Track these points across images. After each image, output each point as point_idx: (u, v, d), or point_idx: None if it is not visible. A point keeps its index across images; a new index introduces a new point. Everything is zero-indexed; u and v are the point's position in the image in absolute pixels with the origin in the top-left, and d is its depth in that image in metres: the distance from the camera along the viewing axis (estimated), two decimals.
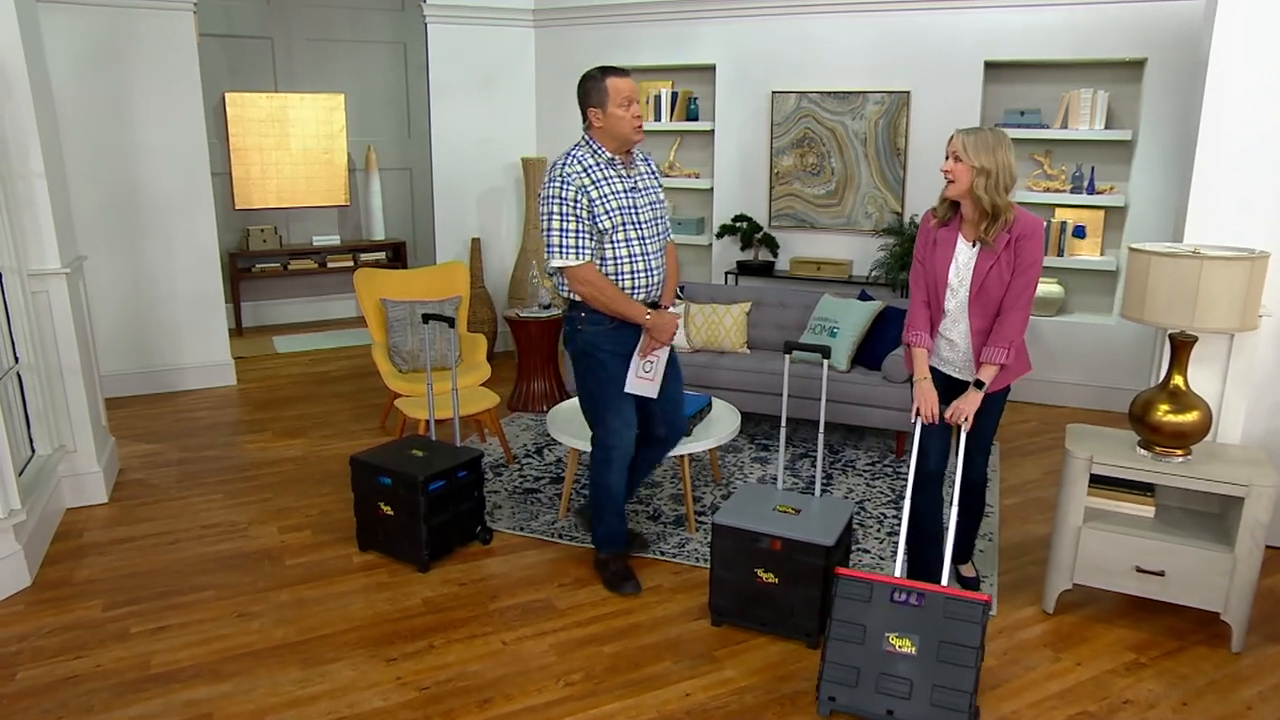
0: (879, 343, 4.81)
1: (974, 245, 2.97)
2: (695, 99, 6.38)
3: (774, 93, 5.97)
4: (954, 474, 3.08)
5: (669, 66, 6.33)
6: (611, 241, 3.19)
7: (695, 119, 6.37)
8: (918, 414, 3.05)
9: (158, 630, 3.14)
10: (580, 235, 3.15)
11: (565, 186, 3.12)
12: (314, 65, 7.74)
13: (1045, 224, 3.11)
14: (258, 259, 7.63)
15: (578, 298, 3.25)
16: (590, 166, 3.16)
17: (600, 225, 3.15)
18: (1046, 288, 5.56)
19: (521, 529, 3.91)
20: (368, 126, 7.99)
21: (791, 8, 5.84)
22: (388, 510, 3.58)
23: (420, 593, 3.40)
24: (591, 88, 3.13)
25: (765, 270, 6.06)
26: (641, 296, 3.28)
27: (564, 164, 3.15)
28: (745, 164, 6.17)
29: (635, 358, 3.30)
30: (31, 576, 3.46)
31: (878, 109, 5.74)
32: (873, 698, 2.58)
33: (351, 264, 7.81)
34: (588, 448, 3.84)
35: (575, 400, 4.42)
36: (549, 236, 3.17)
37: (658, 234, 3.30)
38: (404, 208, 8.36)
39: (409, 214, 8.38)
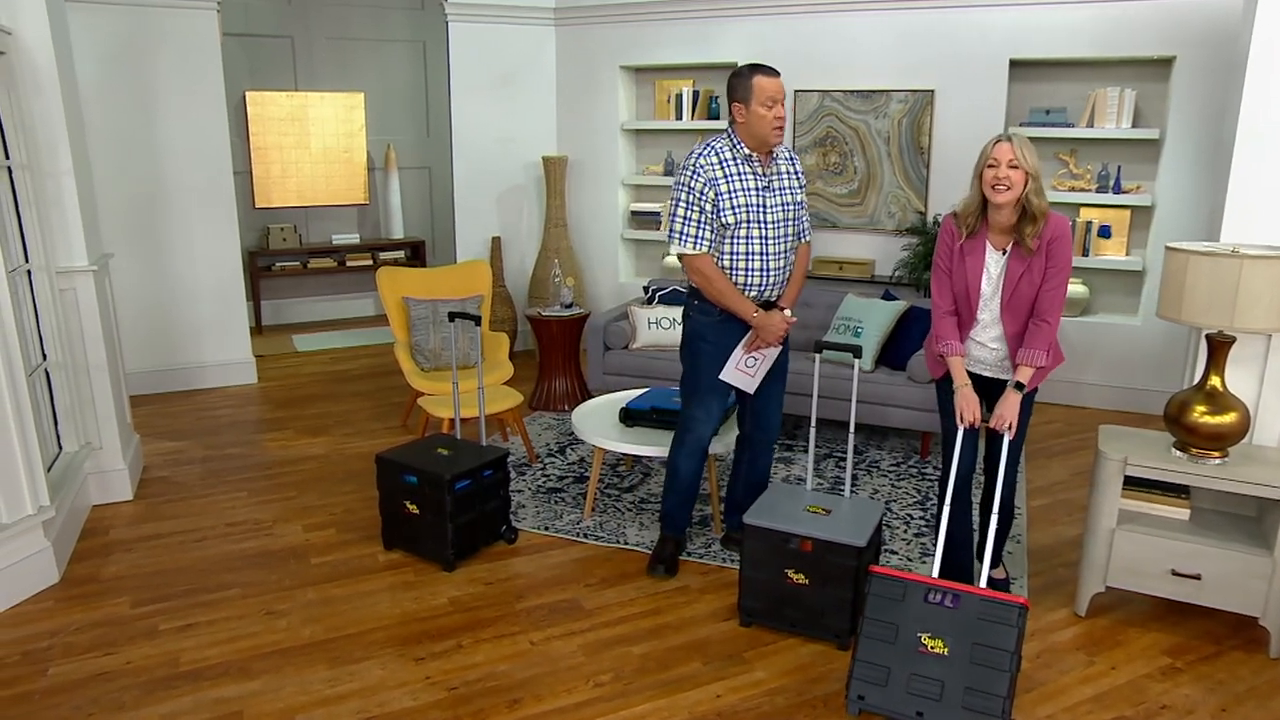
0: (904, 342, 4.78)
1: (1002, 253, 2.95)
2: (716, 98, 6.35)
3: (796, 91, 5.93)
4: (976, 475, 3.05)
5: (690, 65, 6.31)
6: (733, 237, 3.20)
7: (716, 118, 6.34)
8: (962, 420, 3.00)
9: (186, 628, 3.14)
10: (701, 226, 3.18)
11: (695, 177, 3.16)
12: (334, 64, 7.76)
13: (1071, 223, 3.12)
14: (277, 257, 7.65)
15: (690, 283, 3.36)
16: (725, 160, 3.18)
17: (724, 219, 3.18)
18: (1071, 288, 5.51)
19: (546, 528, 3.90)
20: (387, 125, 8.01)
21: (814, 6, 5.80)
22: (413, 509, 3.57)
23: (447, 592, 3.39)
24: (738, 84, 3.14)
25: None
26: (753, 294, 3.28)
27: (700, 154, 3.18)
28: None
29: (739, 349, 3.32)
30: (60, 573, 3.48)
31: (901, 108, 5.70)
32: (903, 698, 2.55)
33: (371, 263, 7.83)
34: (612, 446, 3.84)
35: (600, 400, 4.42)
36: (673, 222, 3.23)
37: (784, 235, 3.27)
38: (423, 206, 8.37)
39: (428, 213, 8.39)
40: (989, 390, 3.10)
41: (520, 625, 3.17)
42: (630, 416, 4.03)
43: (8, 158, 3.62)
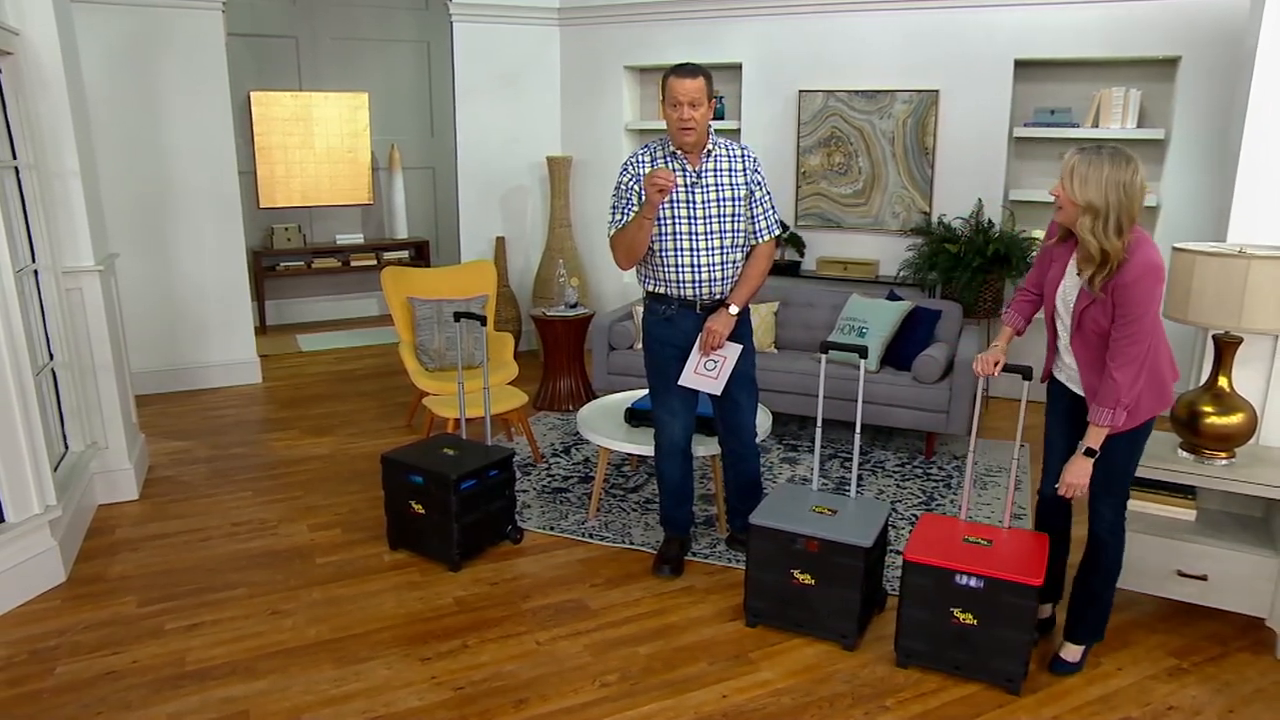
0: (908, 343, 4.78)
1: (1079, 275, 2.59)
2: (721, 98, 6.35)
3: (801, 91, 5.94)
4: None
5: None
6: (660, 234, 3.25)
7: (721, 118, 6.34)
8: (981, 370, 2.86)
9: (192, 627, 3.14)
10: (626, 213, 3.27)
11: (624, 172, 3.29)
12: (338, 64, 7.76)
13: (1164, 265, 2.49)
14: (282, 257, 7.66)
15: (644, 281, 3.40)
16: (656, 159, 3.26)
17: None
18: None
19: (551, 528, 3.90)
20: (391, 125, 8.01)
21: (819, 6, 5.80)
22: (419, 509, 3.57)
23: (452, 592, 3.39)
24: (662, 84, 3.18)
25: (791, 270, 6.02)
26: (689, 293, 3.30)
27: (635, 152, 3.30)
28: (771, 163, 6.12)
29: (695, 352, 3.32)
30: (66, 572, 3.48)
31: (906, 108, 5.69)
32: (942, 655, 2.87)
33: (375, 262, 7.83)
34: (617, 446, 3.84)
35: (605, 400, 4.42)
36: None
37: (721, 232, 3.26)
38: (427, 206, 8.37)
39: (432, 213, 8.40)
40: (1076, 407, 2.79)
41: (526, 625, 3.17)
42: (635, 417, 4.03)
43: (15, 158, 3.63)
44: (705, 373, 3.32)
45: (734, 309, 3.30)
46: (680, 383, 3.35)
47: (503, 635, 3.10)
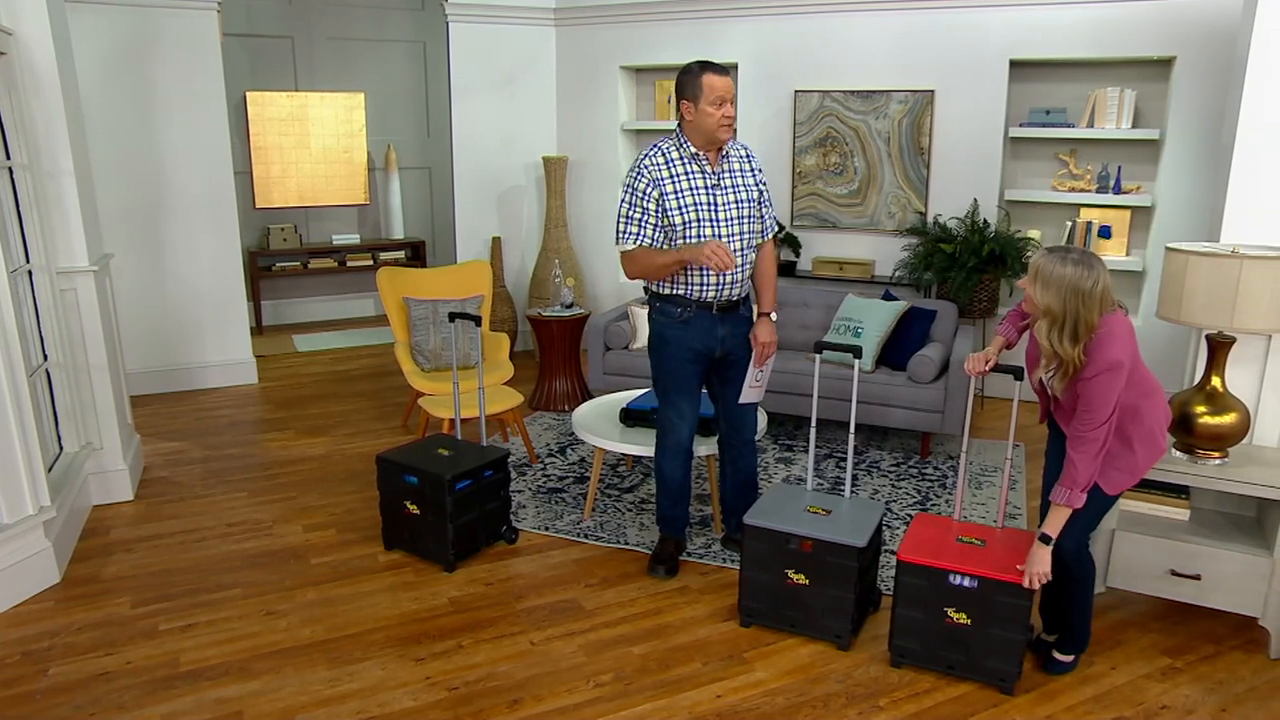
0: (903, 343, 4.78)
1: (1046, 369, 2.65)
2: None
3: (797, 91, 5.94)
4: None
5: None
6: (685, 238, 3.20)
7: None
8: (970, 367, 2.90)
9: (187, 628, 3.14)
10: (643, 224, 3.19)
11: (639, 177, 3.17)
12: (334, 64, 7.76)
13: (1125, 359, 2.47)
14: (278, 258, 7.66)
15: (658, 284, 3.33)
16: (672, 160, 3.18)
17: (672, 220, 3.17)
18: None
19: (546, 528, 3.90)
20: (387, 125, 8.01)
21: (814, 6, 5.80)
22: (414, 509, 3.57)
23: (447, 592, 3.39)
24: (687, 81, 3.11)
25: (787, 270, 6.02)
26: (711, 295, 3.27)
27: (647, 155, 3.20)
28: (767, 163, 6.14)
29: (751, 367, 3.34)
30: (60, 573, 3.48)
31: (901, 108, 5.70)
32: (935, 654, 2.87)
33: (371, 263, 7.83)
34: (612, 447, 3.84)
35: (601, 400, 4.42)
36: (617, 223, 3.25)
37: (740, 233, 3.24)
38: (423, 207, 8.37)
39: (428, 213, 8.40)
40: None
41: (520, 625, 3.17)
42: (630, 417, 4.03)
43: (8, 158, 3.62)
44: (755, 384, 3.39)
45: (774, 315, 3.34)
46: (741, 401, 3.40)
47: (497, 635, 3.10)
